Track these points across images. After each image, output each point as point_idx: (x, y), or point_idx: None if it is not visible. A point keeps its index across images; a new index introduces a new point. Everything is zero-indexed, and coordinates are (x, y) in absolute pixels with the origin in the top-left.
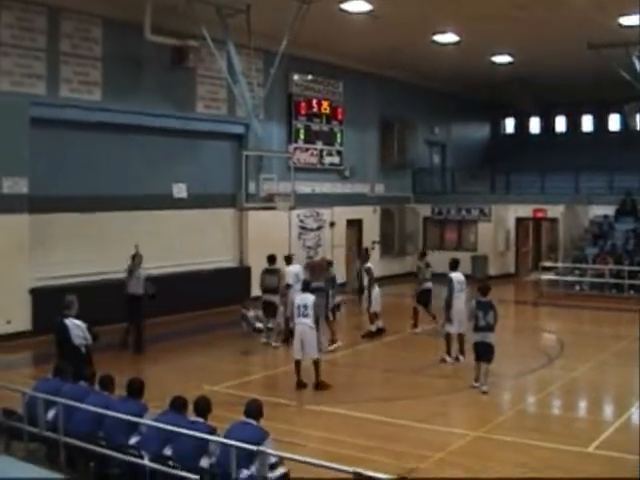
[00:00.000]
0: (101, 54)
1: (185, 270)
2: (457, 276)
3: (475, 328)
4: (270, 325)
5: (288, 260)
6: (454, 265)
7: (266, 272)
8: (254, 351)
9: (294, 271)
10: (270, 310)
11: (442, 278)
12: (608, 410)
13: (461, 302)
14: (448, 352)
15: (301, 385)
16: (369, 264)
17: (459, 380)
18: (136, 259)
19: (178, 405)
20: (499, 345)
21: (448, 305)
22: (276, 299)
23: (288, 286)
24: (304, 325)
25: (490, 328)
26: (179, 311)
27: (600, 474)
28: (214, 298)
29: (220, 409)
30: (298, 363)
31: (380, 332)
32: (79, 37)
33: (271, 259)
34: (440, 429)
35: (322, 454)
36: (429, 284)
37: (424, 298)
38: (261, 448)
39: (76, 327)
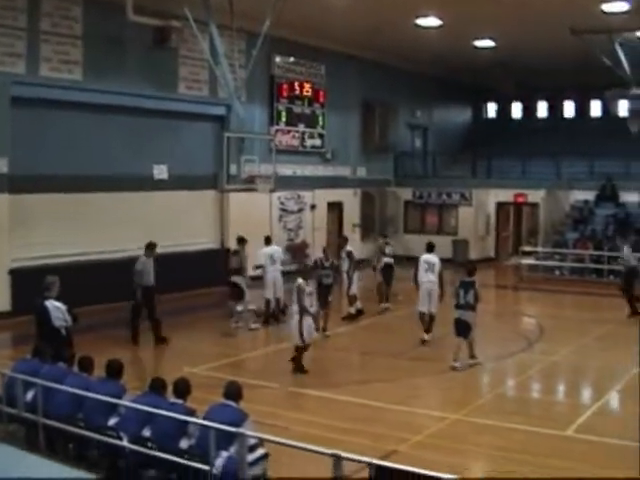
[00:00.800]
0: (81, 33)
1: (166, 252)
2: (426, 257)
3: (455, 306)
4: (239, 308)
5: (267, 241)
6: (429, 248)
7: (232, 253)
8: (234, 333)
9: (268, 252)
10: (235, 292)
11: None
12: (587, 394)
13: (430, 282)
14: (426, 331)
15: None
16: (349, 247)
17: (438, 363)
18: (151, 249)
19: (157, 387)
20: (479, 328)
21: (416, 283)
22: (240, 280)
23: (259, 267)
24: (292, 311)
25: (469, 307)
26: (160, 292)
27: (578, 457)
28: (195, 280)
29: (200, 391)
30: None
31: (359, 314)
32: (59, 15)
33: (240, 240)
34: (419, 412)
35: (302, 436)
36: (390, 259)
37: (387, 274)
38: (240, 430)
39: (56, 309)
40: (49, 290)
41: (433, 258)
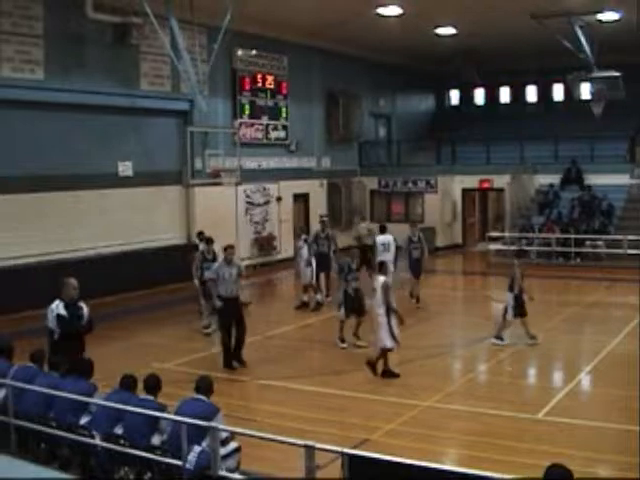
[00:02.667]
0: (42, 32)
1: (132, 248)
2: (381, 238)
3: None
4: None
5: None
6: (382, 229)
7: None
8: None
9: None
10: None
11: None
12: (558, 377)
13: (387, 261)
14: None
15: None
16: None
17: (409, 350)
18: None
19: (128, 384)
20: (449, 315)
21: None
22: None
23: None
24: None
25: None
26: (126, 290)
27: (548, 440)
28: (161, 276)
29: (170, 387)
30: None
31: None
32: (19, 15)
33: (208, 240)
34: (390, 400)
35: (273, 428)
36: (324, 248)
37: (323, 263)
38: (212, 424)
39: (50, 311)
40: (60, 291)
41: (387, 238)
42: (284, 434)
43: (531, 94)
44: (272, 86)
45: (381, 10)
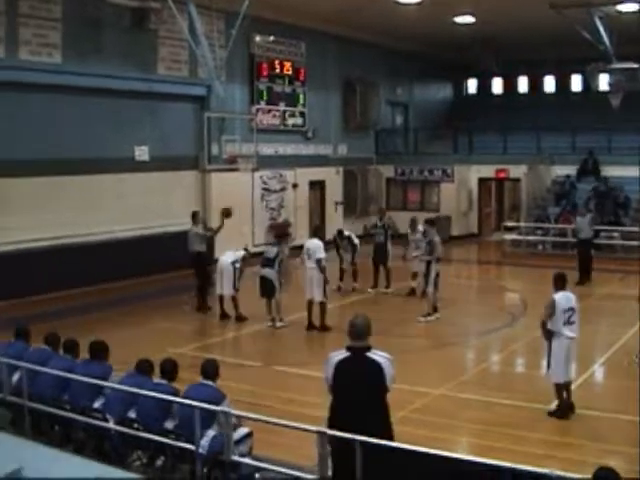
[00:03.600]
0: (60, 16)
1: (148, 233)
2: (309, 244)
3: None
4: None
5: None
6: (315, 232)
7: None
8: (216, 313)
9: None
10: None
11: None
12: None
13: (310, 269)
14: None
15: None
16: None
17: (424, 339)
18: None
19: (144, 368)
20: (463, 304)
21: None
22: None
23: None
24: None
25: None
26: (142, 274)
27: (562, 430)
28: (178, 261)
29: (187, 372)
30: None
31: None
32: None
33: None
34: (402, 387)
35: (286, 414)
36: (381, 238)
37: (378, 254)
38: (219, 408)
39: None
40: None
41: (312, 243)
42: (297, 420)
43: (549, 84)
44: (290, 72)
45: None
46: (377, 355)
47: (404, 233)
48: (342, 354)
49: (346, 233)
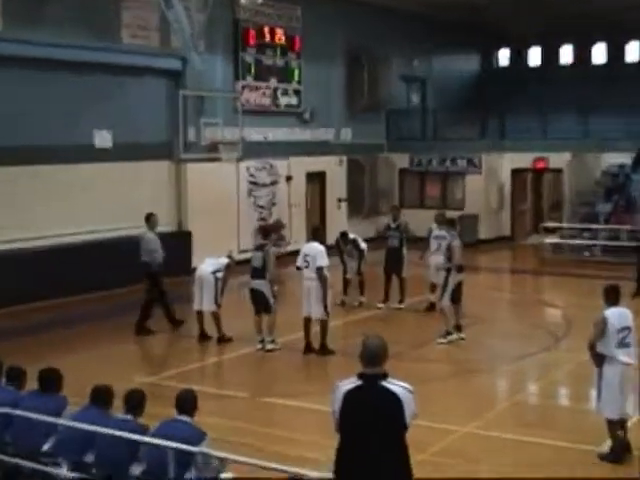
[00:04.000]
0: None
1: (110, 237)
2: (306, 248)
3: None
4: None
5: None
6: (314, 234)
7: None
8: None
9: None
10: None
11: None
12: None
13: (308, 280)
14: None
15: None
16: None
17: (446, 365)
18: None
19: (101, 398)
20: (493, 322)
21: None
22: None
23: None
24: None
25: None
26: (104, 287)
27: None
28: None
29: (157, 405)
30: None
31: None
32: None
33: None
34: (421, 424)
35: (280, 457)
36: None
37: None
38: (198, 449)
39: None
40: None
41: (311, 248)
42: (294, 465)
43: (599, 54)
44: (282, 42)
45: None
46: (395, 385)
47: (421, 236)
48: (352, 383)
49: (351, 236)
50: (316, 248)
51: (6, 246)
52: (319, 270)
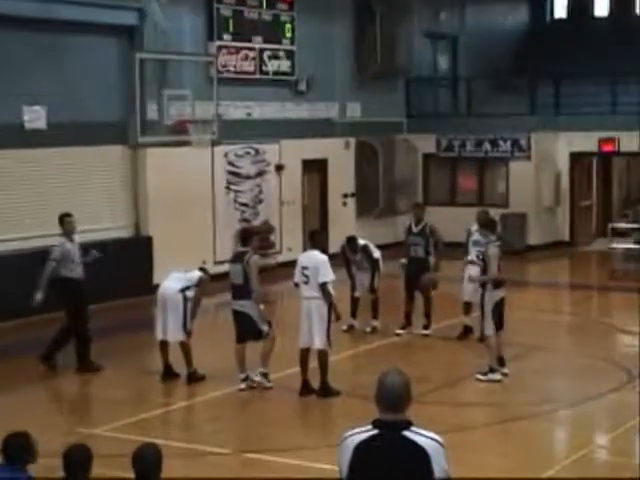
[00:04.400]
0: None
1: (42, 245)
2: (302, 257)
3: None
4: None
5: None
6: (311, 238)
7: None
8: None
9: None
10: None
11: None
12: None
13: (307, 299)
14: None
15: None
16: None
17: (486, 409)
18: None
19: (18, 452)
20: (548, 353)
21: None
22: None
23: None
24: None
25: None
26: (37, 310)
27: None
28: (93, 289)
29: (108, 465)
30: None
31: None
32: None
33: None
34: None
35: None
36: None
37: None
38: None
39: None
40: None
41: (311, 258)
42: None
43: None
44: None
45: None
46: (421, 435)
47: (455, 242)
48: (365, 432)
49: (361, 242)
50: (316, 258)
51: None
52: (322, 286)
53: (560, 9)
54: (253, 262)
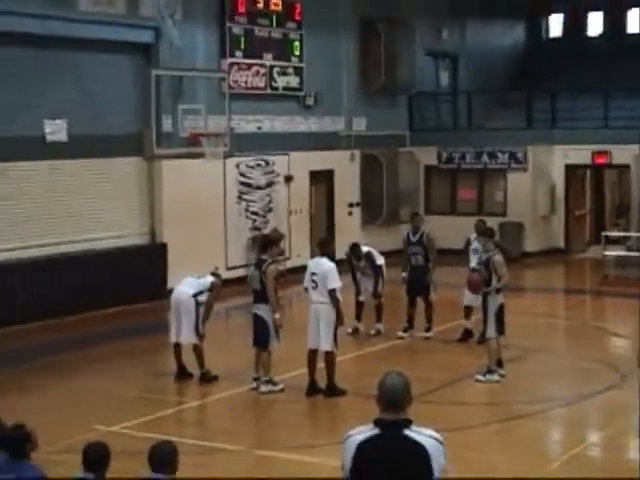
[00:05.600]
0: None
1: (66, 252)
2: (312, 264)
3: None
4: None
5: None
6: (321, 246)
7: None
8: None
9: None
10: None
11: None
12: None
13: (316, 304)
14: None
15: None
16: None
17: (485, 409)
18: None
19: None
20: (543, 355)
21: None
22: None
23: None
24: None
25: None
26: (59, 313)
27: None
28: (111, 293)
29: (125, 461)
30: None
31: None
32: None
33: None
34: None
35: None
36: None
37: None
38: None
39: None
40: None
41: (319, 265)
42: None
43: None
44: (279, 8)
45: None
46: (421, 434)
47: (455, 249)
48: (367, 431)
49: (364, 249)
50: (325, 265)
51: None
52: (331, 292)
53: (556, 28)
54: (270, 271)
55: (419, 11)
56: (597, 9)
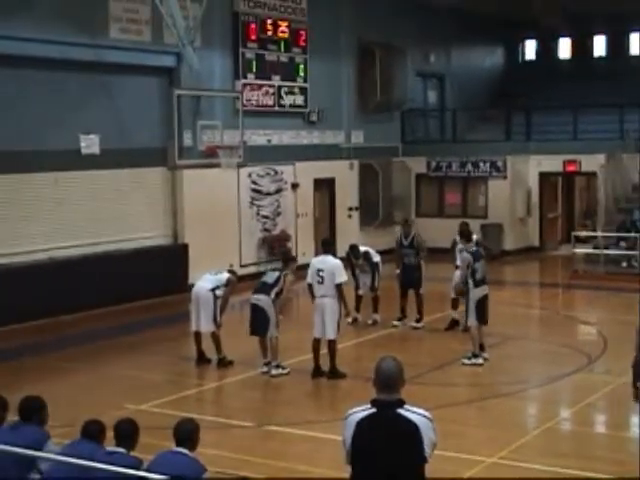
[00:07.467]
0: None
1: (98, 251)
2: (316, 261)
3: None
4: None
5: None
6: (324, 245)
7: None
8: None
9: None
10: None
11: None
12: None
13: (321, 297)
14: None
15: None
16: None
17: (469, 389)
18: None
19: (92, 432)
20: (520, 341)
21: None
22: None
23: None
24: None
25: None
26: (90, 306)
27: None
28: (139, 288)
29: (152, 436)
30: None
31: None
32: None
33: None
34: (443, 454)
35: None
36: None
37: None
38: None
39: None
40: None
41: (326, 262)
42: None
43: (636, 45)
44: (286, 36)
45: None
46: (412, 412)
47: (442, 247)
48: (365, 410)
49: (362, 249)
50: (331, 262)
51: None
52: (338, 286)
53: (530, 52)
54: (288, 279)
55: (410, 38)
56: (566, 36)
